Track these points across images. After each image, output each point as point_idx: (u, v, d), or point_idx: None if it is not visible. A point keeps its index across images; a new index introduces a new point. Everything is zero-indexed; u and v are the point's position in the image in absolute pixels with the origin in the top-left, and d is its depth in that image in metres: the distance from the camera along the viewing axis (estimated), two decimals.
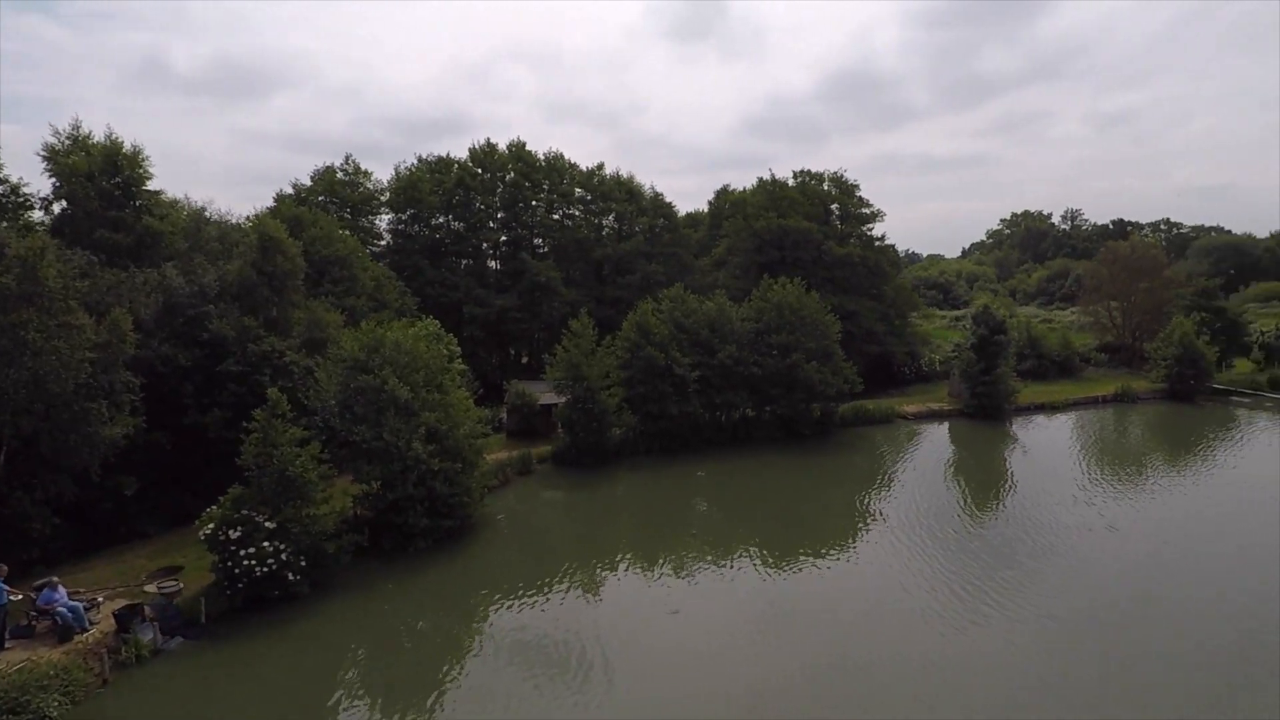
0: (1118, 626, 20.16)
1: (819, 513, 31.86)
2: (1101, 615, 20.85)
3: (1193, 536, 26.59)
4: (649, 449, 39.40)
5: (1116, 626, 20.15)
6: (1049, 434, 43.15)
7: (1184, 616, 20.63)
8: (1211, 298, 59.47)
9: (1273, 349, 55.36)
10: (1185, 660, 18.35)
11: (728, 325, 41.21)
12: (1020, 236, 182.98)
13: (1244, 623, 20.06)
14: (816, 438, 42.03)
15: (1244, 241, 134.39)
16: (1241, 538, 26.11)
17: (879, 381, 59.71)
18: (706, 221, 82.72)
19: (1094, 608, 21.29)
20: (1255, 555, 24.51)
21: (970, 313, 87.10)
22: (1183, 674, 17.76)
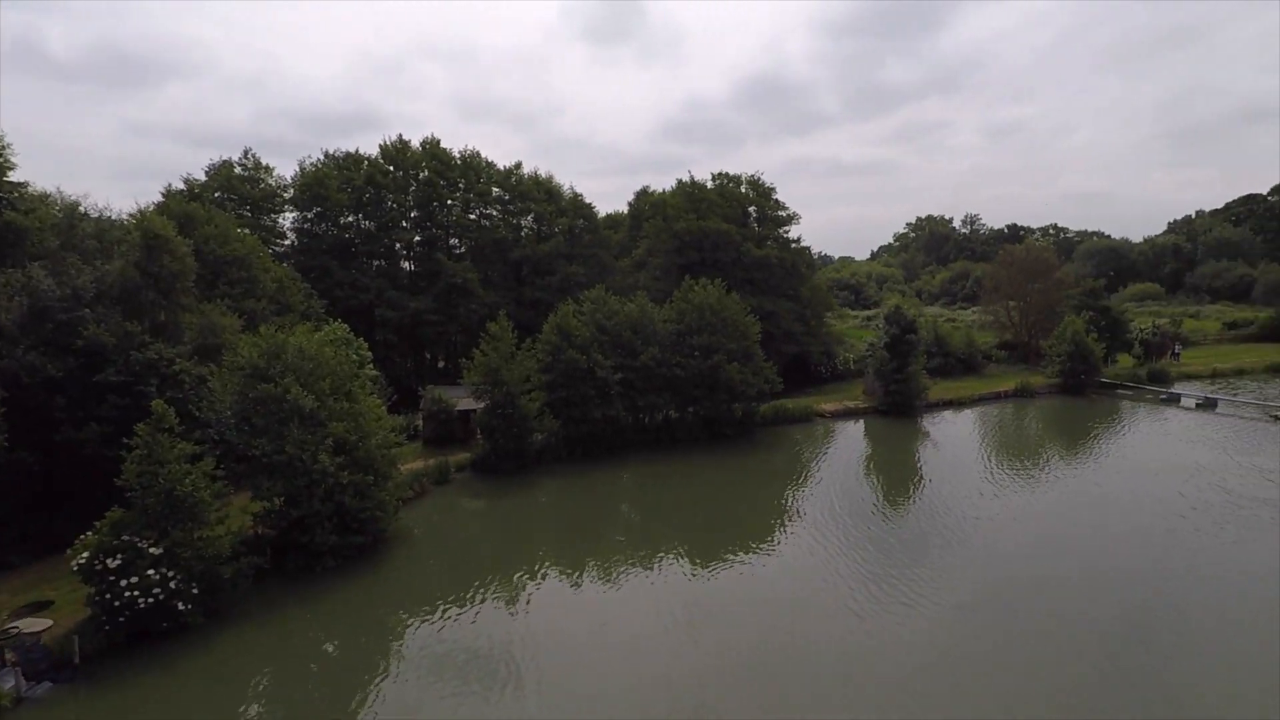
0: (1019, 610, 21.17)
1: (742, 512, 31.98)
2: (1005, 599, 21.83)
3: (1084, 523, 28.01)
4: (572, 454, 38.64)
5: (1018, 610, 21.17)
6: (957, 428, 44.97)
7: (1075, 596, 21.89)
8: (1097, 298, 63.66)
9: (1150, 345, 59.75)
10: (1074, 634, 19.63)
11: (650, 327, 40.95)
12: (924, 240, 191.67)
13: (1124, 597, 21.52)
14: (739, 438, 42.32)
15: (1121, 245, 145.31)
16: (1125, 522, 27.69)
17: (797, 380, 60.94)
18: (626, 223, 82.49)
19: (999, 594, 22.24)
20: (1136, 538, 26.01)
21: (882, 313, 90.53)
22: (1071, 646, 19.04)
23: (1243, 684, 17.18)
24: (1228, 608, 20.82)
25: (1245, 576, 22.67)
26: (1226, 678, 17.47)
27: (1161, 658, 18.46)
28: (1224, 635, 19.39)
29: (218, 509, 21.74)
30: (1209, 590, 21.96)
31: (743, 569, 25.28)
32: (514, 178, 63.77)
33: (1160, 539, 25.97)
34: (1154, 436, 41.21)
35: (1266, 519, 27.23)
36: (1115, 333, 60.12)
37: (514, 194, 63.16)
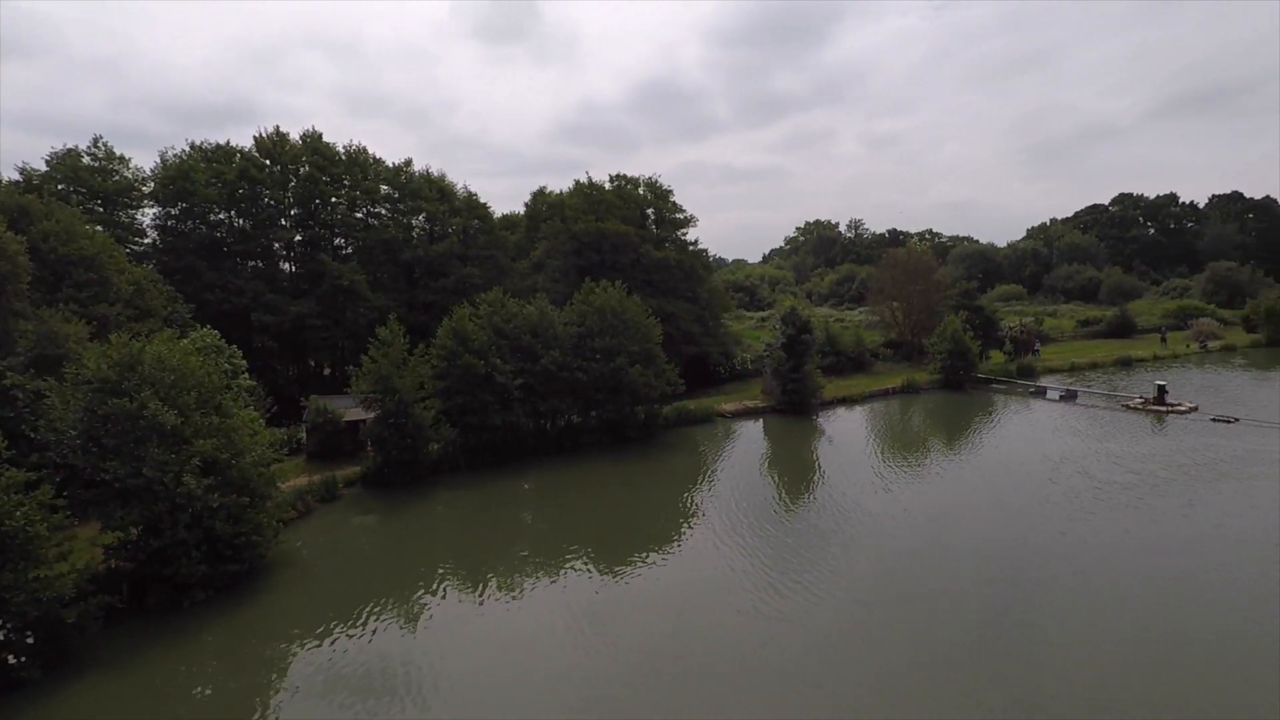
0: (908, 595, 22.07)
1: (647, 515, 31.67)
2: (896, 587, 22.72)
3: (967, 512, 29.38)
4: (471, 463, 37.07)
5: (907, 595, 22.08)
6: (850, 425, 46.61)
7: (959, 577, 23.11)
8: (971, 298, 68.06)
9: (1018, 342, 64.41)
10: (959, 610, 20.88)
11: (550, 330, 39.95)
12: (813, 243, 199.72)
13: (1001, 579, 22.76)
14: (642, 440, 42.05)
15: (988, 250, 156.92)
16: (1004, 511, 29.32)
17: (698, 381, 61.56)
18: (523, 224, 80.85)
19: (890, 582, 23.16)
20: (1015, 526, 27.54)
21: (778, 314, 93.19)
22: (955, 622, 20.21)
23: (1101, 644, 18.72)
24: (1091, 578, 22.65)
25: (1106, 551, 24.40)
26: (1087, 638, 19.08)
27: (1031, 625, 19.98)
28: (1085, 600, 21.14)
29: (58, 543, 19.05)
30: (1075, 564, 23.61)
31: (648, 571, 25.09)
32: (404, 175, 60.98)
33: (1036, 525, 27.55)
34: (1025, 428, 44.18)
35: (1123, 502, 29.42)
36: (988, 331, 64.39)
37: (404, 192, 60.34)
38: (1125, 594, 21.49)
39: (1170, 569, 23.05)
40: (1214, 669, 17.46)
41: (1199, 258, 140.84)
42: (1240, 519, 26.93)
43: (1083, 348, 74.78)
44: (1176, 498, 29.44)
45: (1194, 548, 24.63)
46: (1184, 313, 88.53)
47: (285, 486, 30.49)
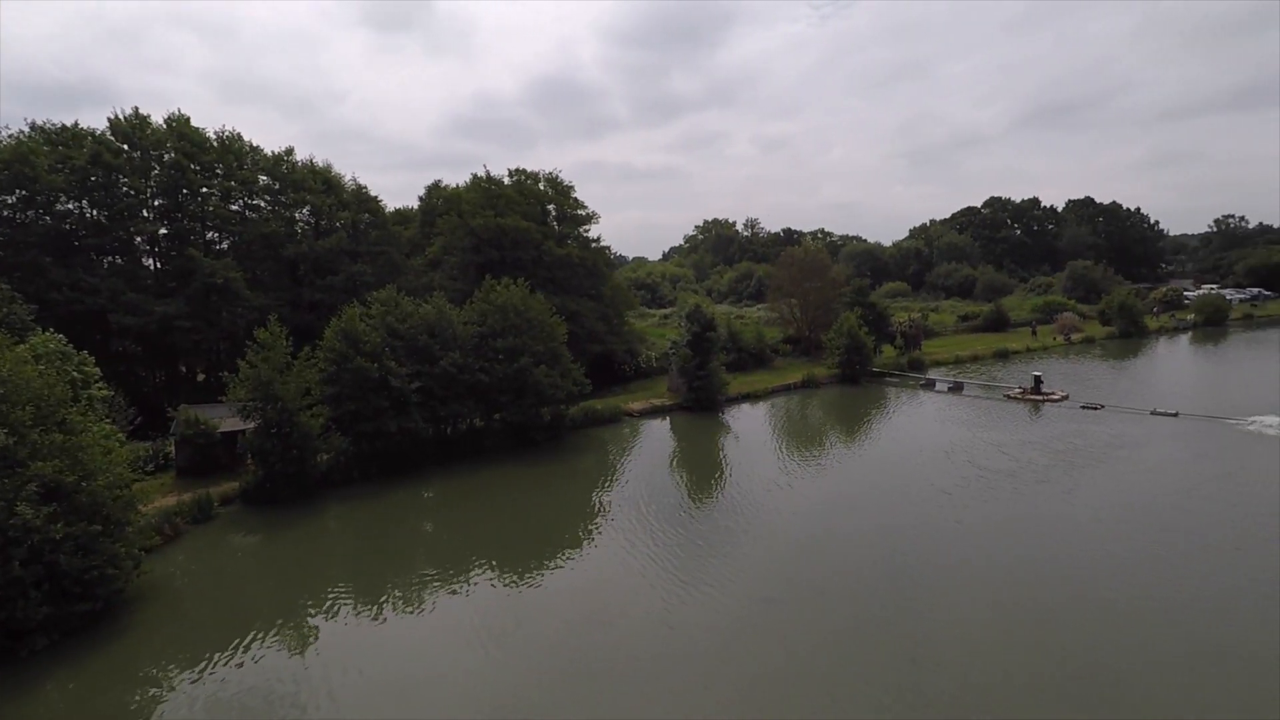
0: (812, 592, 22.23)
1: (555, 519, 30.64)
2: (801, 583, 22.82)
3: (864, 504, 30.01)
4: (365, 474, 34.71)
5: (811, 591, 22.25)
6: (755, 421, 47.13)
7: (858, 571, 23.51)
8: (864, 295, 70.75)
9: (907, 336, 67.51)
10: (855, 604, 21.18)
11: (449, 330, 38.02)
12: (711, 242, 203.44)
13: (892, 564, 23.37)
14: (549, 443, 40.81)
15: (875, 249, 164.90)
16: (900, 500, 30.17)
17: (603, 380, 60.83)
18: (417, 219, 77.66)
19: (794, 578, 23.25)
20: (909, 514, 28.36)
21: (679, 311, 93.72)
22: (850, 614, 20.63)
23: (975, 619, 19.96)
24: (971, 561, 23.74)
25: (994, 537, 25.42)
26: (964, 614, 20.26)
27: (921, 602, 21.14)
28: (974, 585, 22.01)
29: None
30: (965, 550, 24.54)
31: (557, 576, 24.48)
32: (285, 165, 56.79)
33: (930, 514, 28.42)
34: (917, 419, 46.07)
35: (1009, 490, 30.81)
36: (880, 326, 67.11)
37: (285, 183, 56.18)
38: (1015, 578, 22.41)
39: (1051, 551, 24.25)
40: (1091, 643, 18.35)
41: (1059, 257, 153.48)
42: (1114, 503, 28.78)
43: (964, 341, 79.41)
44: (1057, 484, 31.16)
45: (1073, 530, 26.04)
46: (1049, 307, 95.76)
47: (149, 509, 27.33)
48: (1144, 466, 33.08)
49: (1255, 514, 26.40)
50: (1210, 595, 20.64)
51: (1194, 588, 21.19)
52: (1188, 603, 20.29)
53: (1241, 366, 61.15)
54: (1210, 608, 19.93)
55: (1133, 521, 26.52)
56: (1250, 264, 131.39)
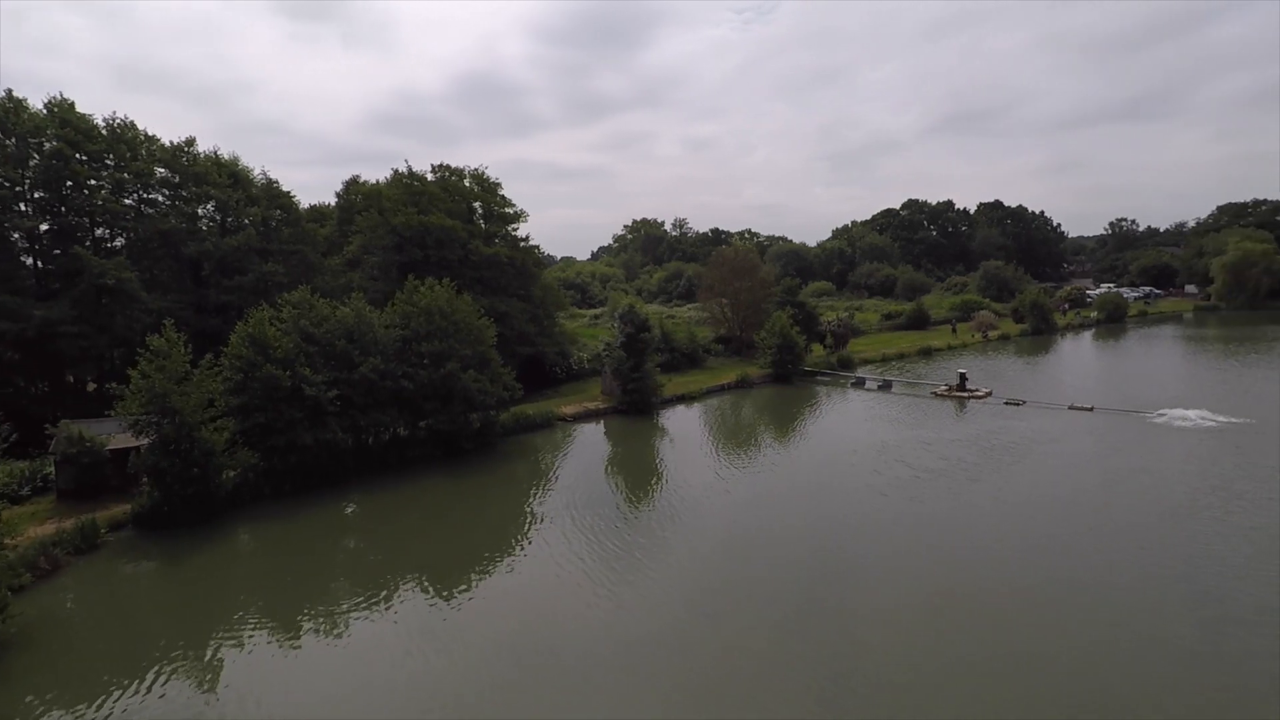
0: (742, 594, 21.93)
1: (486, 530, 29.15)
2: (734, 585, 22.58)
3: (797, 505, 29.75)
4: (278, 490, 32.10)
5: (741, 594, 21.97)
6: (690, 422, 46.49)
7: (789, 571, 23.40)
8: (794, 294, 71.44)
9: (837, 335, 68.49)
10: (782, 604, 20.68)
11: (369, 334, 35.71)
12: (640, 241, 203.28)
13: (831, 563, 22.90)
14: (478, 451, 38.94)
15: (801, 249, 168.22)
16: (829, 501, 30.06)
17: (534, 382, 59.21)
18: (334, 216, 73.76)
19: (727, 582, 22.87)
20: (843, 515, 28.24)
21: (613, 312, 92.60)
22: (777, 613, 20.23)
23: (905, 607, 20.73)
24: (898, 555, 23.90)
25: (921, 532, 25.50)
26: (899, 605, 20.88)
27: (855, 597, 21.57)
28: (898, 572, 22.41)
29: None
30: (894, 544, 24.64)
31: (489, 590, 23.45)
32: (185, 157, 52.74)
33: (864, 515, 28.33)
34: (849, 417, 46.45)
35: (943, 488, 31.05)
36: (809, 326, 67.84)
37: (186, 176, 52.12)
38: (947, 571, 22.62)
39: (981, 543, 24.47)
40: (1022, 628, 18.85)
41: (972, 257, 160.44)
42: (1040, 496, 29.39)
43: (889, 339, 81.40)
44: (987, 481, 31.64)
45: (1002, 524, 26.35)
46: (967, 306, 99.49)
47: (21, 539, 24.30)
48: (1067, 461, 34.07)
49: (1170, 505, 27.35)
50: (1133, 582, 21.40)
51: (1116, 574, 21.94)
52: (1112, 588, 21.05)
53: (1143, 361, 64.78)
54: (1132, 592, 20.87)
55: (1058, 514, 27.16)
56: (1143, 264, 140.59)
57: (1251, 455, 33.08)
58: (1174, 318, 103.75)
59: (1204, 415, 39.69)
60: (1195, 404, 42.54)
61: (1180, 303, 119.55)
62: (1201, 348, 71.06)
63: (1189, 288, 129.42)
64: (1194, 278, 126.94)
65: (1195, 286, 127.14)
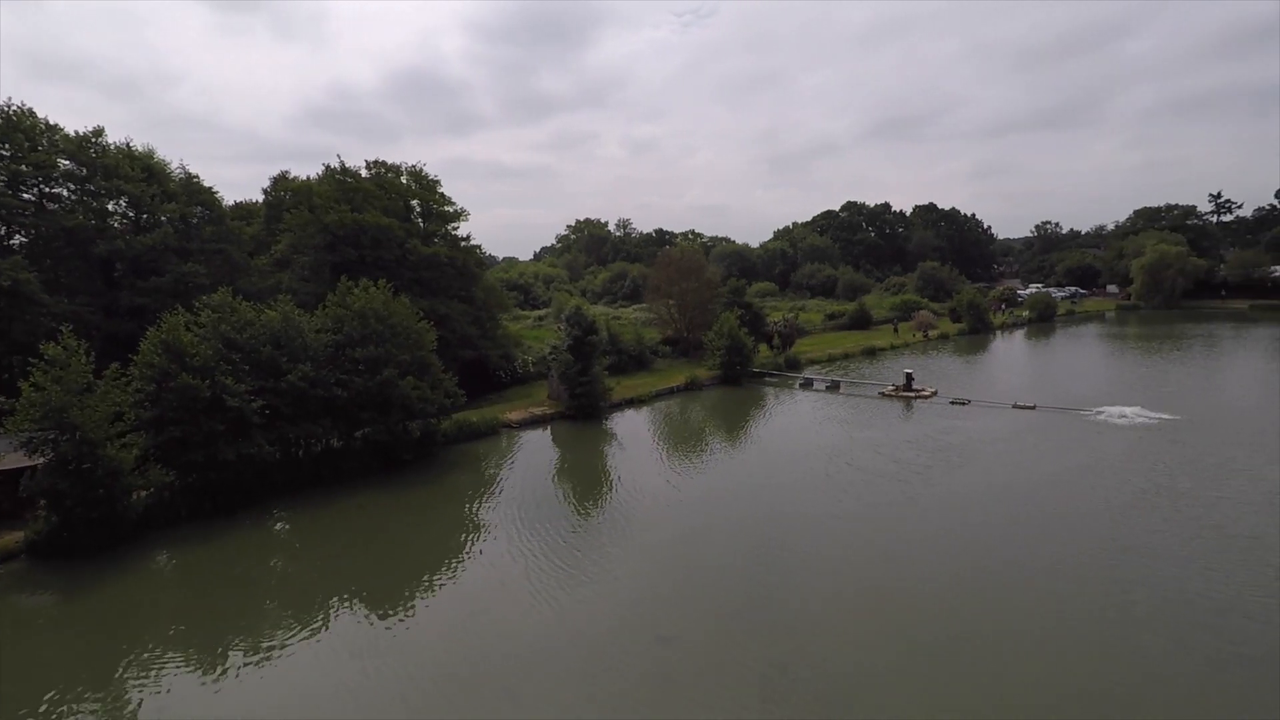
0: (703, 600, 20.95)
1: (427, 544, 27.53)
2: (685, 601, 21.56)
3: (747, 512, 28.85)
4: (198, 511, 29.54)
5: (691, 610, 20.89)
6: (640, 427, 45.39)
7: (736, 580, 22.01)
8: (741, 295, 71.23)
9: (784, 336, 68.46)
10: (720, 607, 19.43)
11: (298, 339, 33.36)
12: (584, 242, 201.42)
13: (781, 568, 22.13)
14: (419, 462, 36.96)
15: (744, 250, 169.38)
16: (789, 508, 29.49)
17: (478, 387, 57.19)
18: (262, 213, 70.02)
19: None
20: (797, 525, 27.71)
21: (558, 313, 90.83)
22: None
23: (850, 601, 21.10)
24: (847, 554, 22.72)
25: (870, 534, 25.06)
26: (838, 595, 20.89)
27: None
28: (839, 569, 21.22)
29: None
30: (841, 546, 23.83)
31: (431, 605, 22.31)
32: (93, 148, 48.82)
33: (813, 515, 27.82)
34: (798, 420, 46.08)
35: (896, 492, 30.69)
36: (756, 327, 67.69)
37: (95, 169, 48.26)
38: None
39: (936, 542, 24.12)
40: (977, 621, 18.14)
41: (909, 258, 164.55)
42: (990, 496, 29.39)
43: (833, 339, 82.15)
44: (939, 484, 31.46)
45: (955, 527, 26.13)
46: (907, 306, 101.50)
47: None
48: (1016, 460, 34.22)
49: (1121, 503, 27.64)
50: (1084, 577, 21.45)
51: (1066, 568, 22.19)
52: (1060, 579, 21.52)
53: (1074, 360, 66.85)
54: (1082, 584, 21.28)
55: (1009, 512, 27.16)
56: (1068, 265, 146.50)
57: (1189, 452, 33.87)
58: (1098, 316, 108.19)
59: (1139, 412, 40.80)
60: (1130, 401, 43.77)
61: (1103, 302, 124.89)
62: (1126, 346, 73.98)
63: (1110, 288, 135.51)
64: (1115, 278, 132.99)
65: (1116, 287, 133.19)
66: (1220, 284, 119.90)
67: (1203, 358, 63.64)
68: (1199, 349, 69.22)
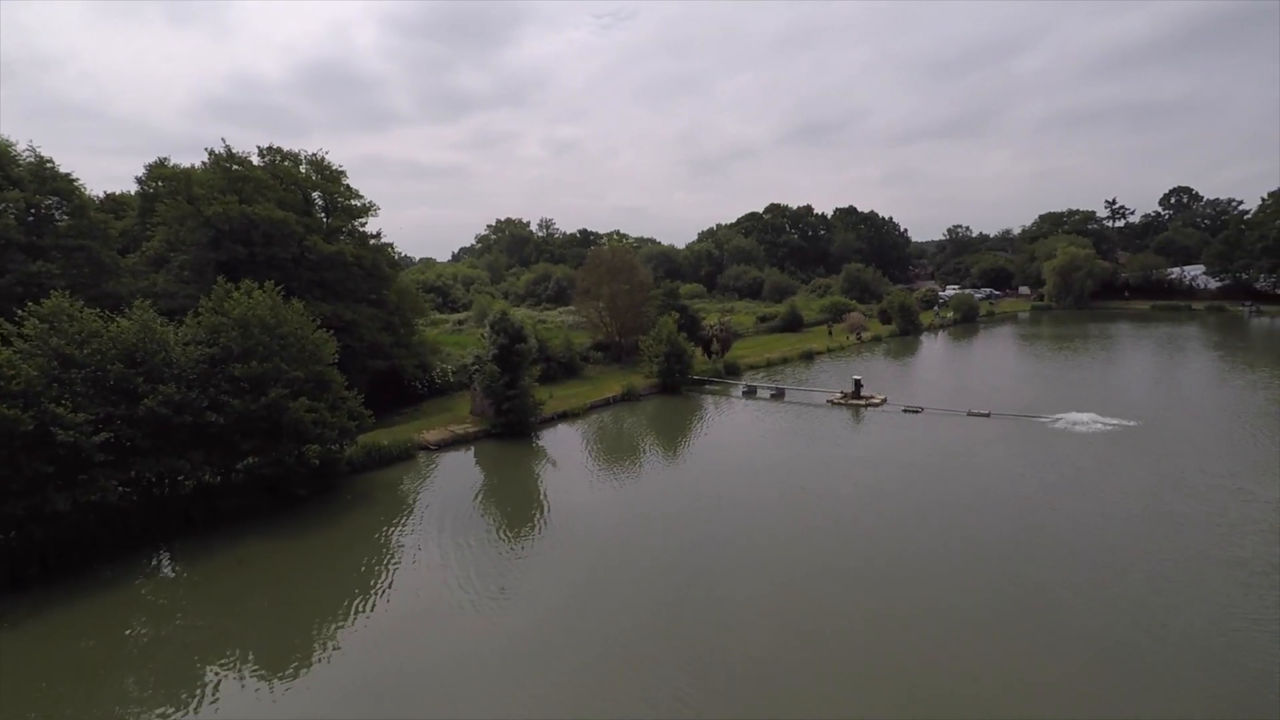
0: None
1: (327, 593, 22.52)
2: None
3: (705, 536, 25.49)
4: (20, 577, 23.18)
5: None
6: (574, 445, 40.81)
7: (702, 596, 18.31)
8: (675, 297, 67.75)
9: (723, 340, 65.28)
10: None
11: (160, 354, 27.27)
12: (505, 242, 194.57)
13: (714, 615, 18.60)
14: (318, 496, 31.32)
15: (670, 251, 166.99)
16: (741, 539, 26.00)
17: (390, 401, 51.43)
18: (136, 205, 61.66)
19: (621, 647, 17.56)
20: (719, 549, 24.22)
21: (477, 316, 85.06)
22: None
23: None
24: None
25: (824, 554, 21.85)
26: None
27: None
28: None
29: None
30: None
31: (329, 667, 18.24)
32: None
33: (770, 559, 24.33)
34: (743, 432, 42.59)
35: (847, 517, 27.45)
36: (692, 330, 64.30)
37: None
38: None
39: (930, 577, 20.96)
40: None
41: (831, 260, 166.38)
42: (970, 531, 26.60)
43: (767, 342, 79.85)
44: (909, 515, 28.56)
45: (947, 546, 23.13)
46: (836, 308, 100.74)
47: None
48: (993, 477, 31.62)
49: (1116, 531, 25.24)
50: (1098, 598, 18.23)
51: (1104, 605, 18.68)
52: (1104, 621, 17.64)
53: (1012, 361, 66.51)
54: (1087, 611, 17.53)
55: (1013, 543, 24.17)
56: (982, 267, 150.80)
57: (1166, 466, 31.76)
58: (1014, 317, 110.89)
59: (1095, 418, 39.44)
60: (1081, 405, 42.60)
61: (1018, 303, 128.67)
62: (1052, 346, 74.63)
63: (1023, 289, 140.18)
64: (1027, 280, 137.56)
65: (1028, 288, 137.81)
66: (1123, 285, 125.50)
67: (1131, 358, 64.44)
68: (1124, 349, 70.47)
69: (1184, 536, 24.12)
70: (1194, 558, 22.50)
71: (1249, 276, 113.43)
